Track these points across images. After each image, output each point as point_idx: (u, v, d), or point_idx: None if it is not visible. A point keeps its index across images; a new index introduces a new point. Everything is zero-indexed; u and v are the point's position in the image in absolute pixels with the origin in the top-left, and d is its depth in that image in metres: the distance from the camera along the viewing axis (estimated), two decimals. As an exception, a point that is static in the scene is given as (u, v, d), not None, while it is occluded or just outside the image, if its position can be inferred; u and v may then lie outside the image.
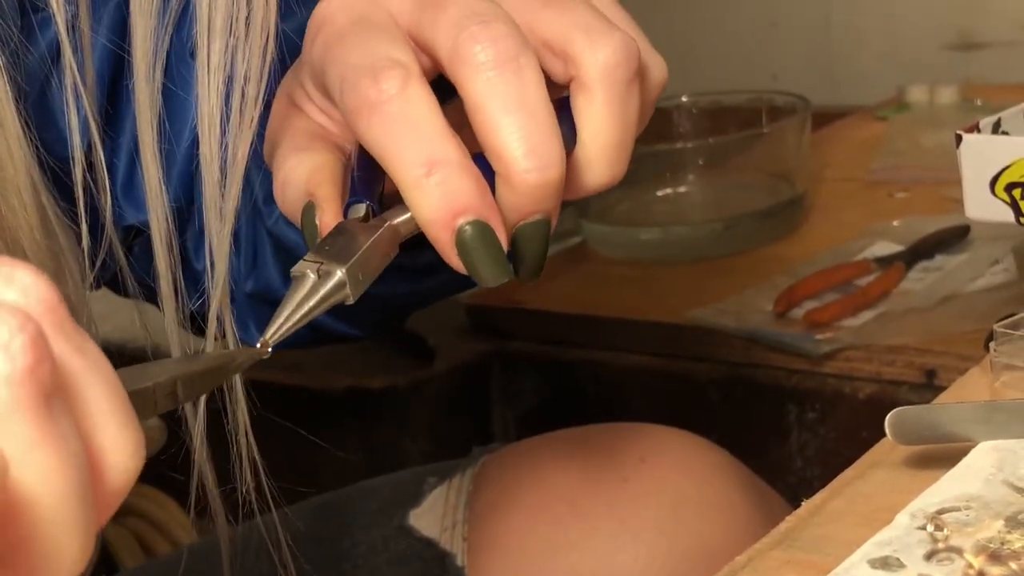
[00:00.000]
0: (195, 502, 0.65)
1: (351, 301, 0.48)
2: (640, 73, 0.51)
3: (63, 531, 0.33)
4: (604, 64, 0.49)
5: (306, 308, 0.48)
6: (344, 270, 0.48)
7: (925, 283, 1.27)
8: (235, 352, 0.46)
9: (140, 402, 0.39)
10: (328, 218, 0.51)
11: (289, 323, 0.48)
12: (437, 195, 0.47)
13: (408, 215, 0.50)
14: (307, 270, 0.48)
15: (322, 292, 0.48)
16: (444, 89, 0.49)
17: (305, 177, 0.52)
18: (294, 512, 0.77)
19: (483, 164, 0.49)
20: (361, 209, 0.51)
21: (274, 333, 0.47)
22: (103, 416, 0.34)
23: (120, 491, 0.34)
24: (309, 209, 0.51)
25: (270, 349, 0.47)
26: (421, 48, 0.50)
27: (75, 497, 0.33)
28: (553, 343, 1.37)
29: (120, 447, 0.34)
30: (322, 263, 0.48)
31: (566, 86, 0.50)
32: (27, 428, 0.32)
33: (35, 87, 0.61)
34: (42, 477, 0.32)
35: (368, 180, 0.52)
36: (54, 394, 0.32)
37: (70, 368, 0.34)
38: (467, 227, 0.47)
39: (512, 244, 0.49)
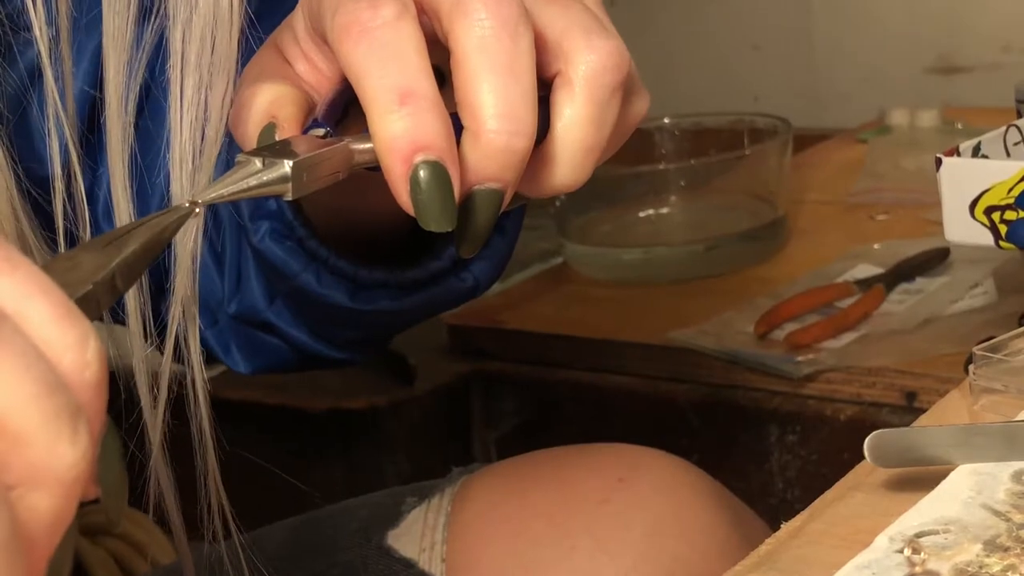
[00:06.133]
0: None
1: (289, 197, 0.47)
2: (626, 87, 0.51)
3: (45, 429, 0.32)
4: (595, 64, 0.49)
5: (244, 186, 0.47)
6: (291, 163, 0.47)
7: (905, 305, 1.27)
8: (162, 217, 0.43)
9: (85, 307, 0.37)
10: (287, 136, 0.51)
11: (224, 191, 0.47)
12: (404, 125, 0.47)
13: (368, 145, 0.49)
14: (254, 158, 0.47)
15: (263, 178, 0.47)
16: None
17: (268, 101, 0.52)
18: (271, 532, 0.76)
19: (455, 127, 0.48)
20: (320, 132, 0.50)
21: (206, 194, 0.46)
22: (47, 322, 0.33)
23: (96, 383, 0.34)
24: (269, 128, 0.51)
25: (199, 208, 0.45)
26: (424, 10, 0.50)
27: (43, 395, 0.32)
28: (534, 363, 1.37)
29: (72, 343, 0.34)
30: (268, 155, 0.47)
31: (547, 84, 0.50)
32: None
33: (15, 110, 0.61)
34: (5, 387, 0.31)
35: (330, 123, 0.51)
36: None
37: (3, 287, 0.33)
38: (424, 164, 0.47)
39: (461, 210, 0.49)
